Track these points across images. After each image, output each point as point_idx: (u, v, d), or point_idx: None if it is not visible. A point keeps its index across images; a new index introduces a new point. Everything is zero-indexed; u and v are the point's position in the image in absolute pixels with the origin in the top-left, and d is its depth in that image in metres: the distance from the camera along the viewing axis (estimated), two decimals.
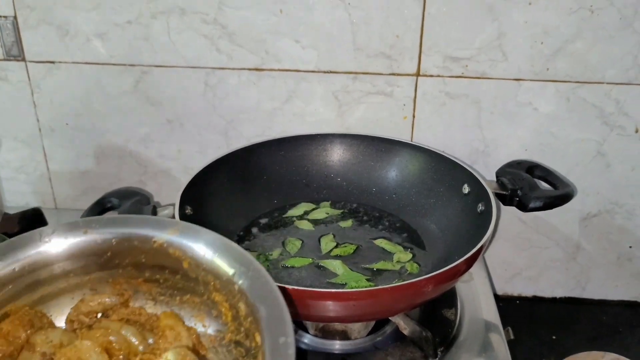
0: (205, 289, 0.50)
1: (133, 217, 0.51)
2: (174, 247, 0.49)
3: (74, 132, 0.92)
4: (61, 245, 0.48)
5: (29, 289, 0.47)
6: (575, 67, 0.82)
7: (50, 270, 0.48)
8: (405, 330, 0.69)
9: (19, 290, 0.46)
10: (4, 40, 0.85)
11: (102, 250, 0.50)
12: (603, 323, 0.97)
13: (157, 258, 0.51)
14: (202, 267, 0.49)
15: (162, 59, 0.86)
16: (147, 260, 0.51)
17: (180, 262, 0.50)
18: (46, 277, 0.48)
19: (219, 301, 0.50)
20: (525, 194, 0.74)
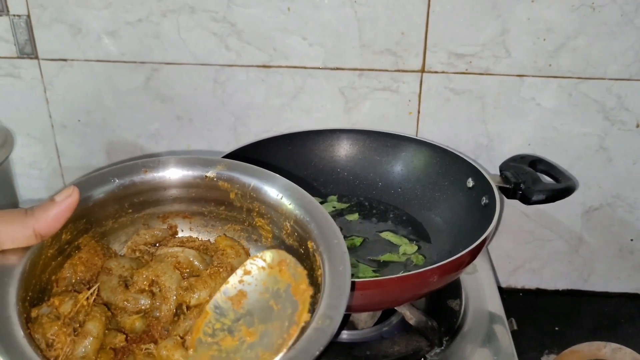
0: (247, 216, 0.55)
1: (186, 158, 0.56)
2: (223, 179, 0.54)
3: (86, 129, 0.94)
4: (123, 185, 0.53)
5: (96, 224, 0.52)
6: (577, 63, 0.83)
7: (113, 207, 0.53)
8: (411, 320, 0.70)
9: (89, 224, 0.51)
10: (17, 39, 0.87)
11: (160, 187, 0.55)
12: (605, 314, 0.99)
13: (206, 192, 0.55)
14: (248, 195, 0.54)
15: (172, 57, 0.87)
16: (197, 194, 0.56)
17: (227, 194, 0.55)
18: (110, 213, 0.53)
19: (260, 225, 0.55)
20: (528, 187, 0.76)
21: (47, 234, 0.44)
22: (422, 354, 0.69)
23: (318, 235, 0.49)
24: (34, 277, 0.46)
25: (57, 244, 0.48)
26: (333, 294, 0.44)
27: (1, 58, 0.88)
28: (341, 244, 0.48)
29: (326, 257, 0.47)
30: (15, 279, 0.43)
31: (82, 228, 0.51)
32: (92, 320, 0.46)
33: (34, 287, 0.46)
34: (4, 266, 0.43)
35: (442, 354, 0.70)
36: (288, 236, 0.53)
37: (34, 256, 0.45)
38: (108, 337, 0.47)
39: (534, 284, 1.03)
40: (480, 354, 0.71)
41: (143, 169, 0.54)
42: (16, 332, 0.40)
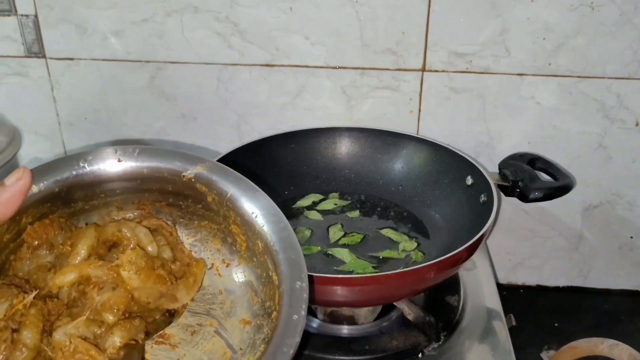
0: (224, 221, 0.53)
1: (165, 150, 0.54)
2: (201, 182, 0.52)
3: (92, 126, 0.95)
4: (97, 170, 0.51)
5: (64, 205, 0.50)
6: (576, 62, 0.84)
7: (84, 191, 0.51)
8: (410, 316, 0.72)
9: (56, 206, 0.50)
10: (25, 38, 0.89)
11: (133, 177, 0.52)
12: (605, 311, 1.00)
13: (183, 189, 0.53)
14: (225, 203, 0.51)
15: (176, 56, 0.89)
16: (173, 189, 0.53)
17: (205, 196, 0.53)
18: (80, 197, 0.51)
19: (236, 232, 0.53)
20: (526, 185, 0.77)
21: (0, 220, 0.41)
22: (420, 349, 0.71)
23: (284, 271, 0.47)
24: None
25: (16, 227, 0.46)
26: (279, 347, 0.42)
27: (9, 57, 0.90)
28: (303, 288, 0.45)
29: (285, 300, 0.45)
30: None
31: (46, 211, 0.49)
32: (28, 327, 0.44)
33: None
34: None
35: (439, 348, 0.71)
36: (260, 254, 0.51)
37: None
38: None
39: (534, 281, 1.04)
40: (477, 349, 0.72)
41: (118, 158, 0.51)
42: None
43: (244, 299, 0.52)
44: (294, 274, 0.46)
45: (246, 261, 0.53)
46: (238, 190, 0.51)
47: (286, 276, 0.46)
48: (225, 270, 0.55)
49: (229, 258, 0.55)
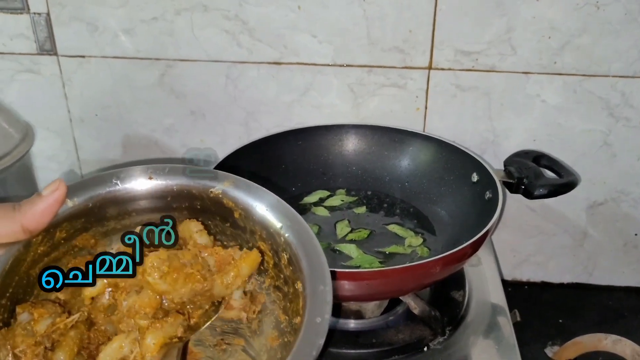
0: (251, 237, 0.54)
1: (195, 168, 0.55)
2: (228, 197, 0.53)
3: (103, 123, 0.97)
4: (128, 187, 0.52)
5: (97, 223, 0.51)
6: (581, 61, 0.85)
7: (117, 208, 0.52)
8: (416, 310, 0.73)
9: (89, 223, 0.51)
10: (37, 36, 0.90)
11: (164, 194, 0.54)
12: (609, 308, 1.01)
13: (211, 206, 0.54)
14: (251, 218, 0.52)
15: (185, 54, 0.90)
16: (202, 206, 0.54)
17: (232, 212, 0.54)
18: (113, 214, 0.52)
19: (263, 249, 0.54)
20: (530, 182, 0.78)
21: (35, 229, 0.42)
22: (426, 343, 0.72)
23: (307, 276, 0.47)
24: (17, 274, 0.45)
25: (50, 241, 0.47)
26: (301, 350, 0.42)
27: (22, 54, 0.91)
28: (327, 291, 0.46)
29: (309, 304, 0.45)
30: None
31: (80, 227, 0.50)
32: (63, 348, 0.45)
33: (18, 282, 0.45)
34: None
35: (445, 343, 0.72)
36: (286, 267, 0.52)
37: (19, 253, 0.44)
38: None
39: (539, 277, 1.05)
40: (482, 344, 0.73)
41: (149, 175, 0.53)
42: None
43: (271, 317, 0.53)
44: (317, 278, 0.47)
45: (273, 279, 0.54)
46: (262, 203, 0.52)
47: (309, 281, 0.47)
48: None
49: (257, 278, 0.56)
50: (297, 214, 0.52)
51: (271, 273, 0.54)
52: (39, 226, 0.42)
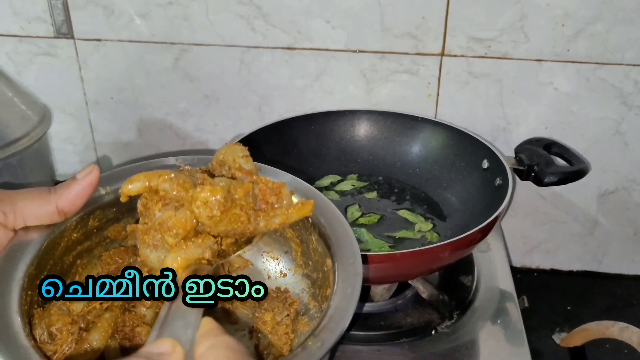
0: None
1: None
2: None
3: (118, 106, 0.98)
4: None
5: (129, 214, 0.51)
6: (595, 49, 0.85)
7: None
8: (424, 294, 0.74)
9: (121, 213, 0.51)
10: (54, 19, 0.91)
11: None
12: (617, 296, 1.01)
13: None
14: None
15: (200, 38, 0.91)
16: None
17: None
18: None
19: (290, 237, 0.54)
20: (541, 169, 0.78)
21: (69, 211, 0.43)
22: (434, 326, 0.73)
23: (336, 252, 0.47)
24: (52, 258, 0.46)
25: (84, 228, 0.48)
26: (335, 317, 0.42)
27: (39, 38, 0.93)
28: (357, 264, 0.46)
29: (339, 277, 0.45)
30: (29, 255, 0.43)
31: (112, 217, 0.50)
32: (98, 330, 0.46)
33: (53, 267, 0.46)
34: (22, 242, 0.43)
35: (452, 326, 0.73)
36: (314, 251, 0.52)
37: (54, 236, 0.45)
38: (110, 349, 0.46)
39: (549, 265, 1.05)
40: (489, 329, 0.74)
41: (179, 165, 0.51)
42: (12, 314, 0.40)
43: (301, 304, 0.54)
44: (346, 252, 0.47)
45: (302, 268, 0.55)
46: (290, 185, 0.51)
47: (338, 256, 0.47)
48: (282, 281, 0.56)
49: (286, 268, 0.56)
50: (320, 193, 0.52)
51: (299, 262, 0.55)
52: (73, 208, 0.43)
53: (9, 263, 0.42)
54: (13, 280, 0.42)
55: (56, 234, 0.45)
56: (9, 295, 0.41)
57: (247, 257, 0.57)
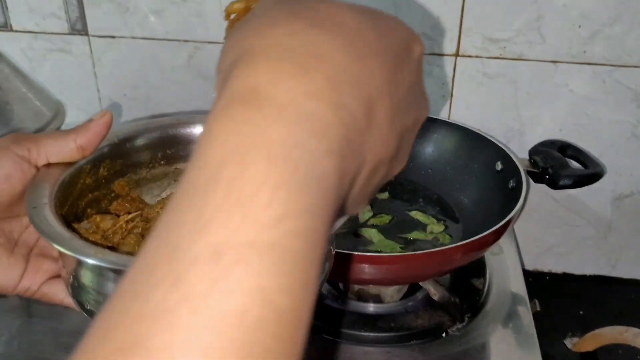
0: None
1: None
2: None
3: (131, 102, 0.98)
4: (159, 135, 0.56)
5: (131, 170, 0.55)
6: (612, 51, 0.84)
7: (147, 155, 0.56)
8: (435, 296, 0.73)
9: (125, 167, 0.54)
10: (69, 16, 0.92)
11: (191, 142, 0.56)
12: (631, 301, 1.00)
13: None
14: None
15: (214, 36, 0.91)
16: None
17: None
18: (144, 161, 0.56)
19: None
20: (555, 172, 0.78)
21: (88, 148, 0.46)
22: (444, 329, 0.72)
23: None
24: (70, 196, 0.48)
25: (95, 175, 0.51)
26: None
27: (54, 34, 0.93)
28: None
29: None
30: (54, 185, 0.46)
31: (118, 169, 0.53)
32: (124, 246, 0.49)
33: (70, 209, 0.49)
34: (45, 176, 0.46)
35: (463, 329, 0.73)
36: None
37: (74, 173, 0.48)
38: None
39: (561, 269, 1.04)
40: (501, 332, 0.73)
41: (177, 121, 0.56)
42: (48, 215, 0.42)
43: None
44: None
45: None
46: None
47: None
48: None
49: None
50: None
51: None
52: (92, 145, 0.46)
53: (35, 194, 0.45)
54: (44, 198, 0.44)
55: (73, 172, 0.48)
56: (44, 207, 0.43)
57: None
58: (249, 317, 0.20)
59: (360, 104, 0.26)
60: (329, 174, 0.24)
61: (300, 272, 0.22)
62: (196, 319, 0.20)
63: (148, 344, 0.19)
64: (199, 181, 0.23)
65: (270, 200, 0.22)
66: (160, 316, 0.20)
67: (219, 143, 0.24)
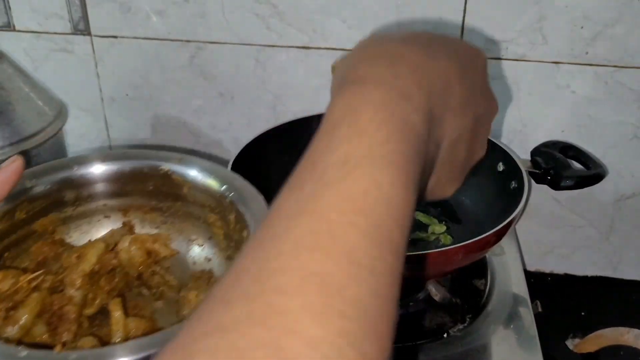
0: (201, 212, 0.59)
1: (143, 151, 0.61)
2: (176, 174, 0.59)
3: (133, 103, 0.98)
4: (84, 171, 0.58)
5: (55, 209, 0.56)
6: (614, 52, 0.84)
7: (74, 192, 0.57)
8: (437, 297, 0.73)
9: (47, 207, 0.55)
10: (72, 16, 0.92)
11: (117, 177, 0.59)
12: (633, 302, 1.00)
13: (162, 185, 0.60)
14: (198, 189, 0.58)
15: (216, 36, 0.91)
16: (154, 188, 0.60)
17: (181, 188, 0.59)
18: (70, 199, 0.57)
19: (212, 222, 0.59)
20: (557, 173, 0.77)
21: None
22: (446, 329, 0.72)
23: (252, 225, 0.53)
24: None
25: (10, 220, 0.51)
26: None
27: (56, 34, 0.93)
28: None
29: None
30: None
31: (39, 209, 0.54)
32: (25, 307, 0.48)
33: None
34: None
35: (464, 330, 0.73)
36: (234, 230, 0.56)
37: None
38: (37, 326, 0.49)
39: (563, 269, 1.04)
40: (502, 333, 0.73)
41: (102, 158, 0.58)
42: None
43: None
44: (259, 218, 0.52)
45: (225, 251, 0.59)
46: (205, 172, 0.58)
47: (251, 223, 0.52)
48: (207, 265, 0.61)
49: (211, 253, 0.61)
50: (236, 174, 0.58)
51: (222, 245, 0.59)
52: (1, 194, 0.46)
53: None
54: None
55: None
56: None
57: (174, 246, 0.62)
58: (370, 198, 0.29)
59: (437, 85, 0.36)
60: (417, 125, 0.33)
61: (401, 174, 0.31)
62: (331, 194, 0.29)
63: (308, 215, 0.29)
64: (328, 127, 0.33)
65: (376, 131, 0.31)
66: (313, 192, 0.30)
67: (338, 107, 0.33)
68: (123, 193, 0.60)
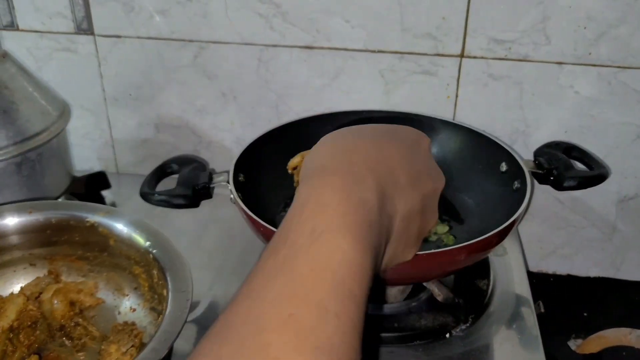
0: (127, 263, 0.62)
1: (71, 202, 0.64)
2: (102, 226, 0.61)
3: (136, 102, 0.98)
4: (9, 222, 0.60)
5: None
6: (617, 52, 0.84)
7: None
8: (439, 297, 0.73)
9: None
10: (75, 15, 0.92)
11: (43, 228, 0.61)
12: (635, 303, 0.99)
13: (88, 237, 0.62)
14: (124, 242, 0.60)
15: (219, 36, 0.91)
16: (80, 238, 0.62)
17: (107, 240, 0.61)
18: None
19: (138, 274, 0.61)
20: (560, 173, 0.77)
21: None
22: (448, 330, 0.72)
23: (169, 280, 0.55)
24: None
25: None
26: (161, 338, 0.50)
27: (60, 34, 0.93)
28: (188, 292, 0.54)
29: (171, 303, 0.53)
30: None
31: None
32: None
33: None
34: None
35: (467, 330, 0.73)
36: (157, 284, 0.58)
37: None
38: None
39: (565, 270, 1.04)
40: (504, 333, 0.73)
41: (29, 210, 0.60)
42: None
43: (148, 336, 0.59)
44: (179, 282, 0.55)
45: (149, 302, 0.61)
46: (131, 227, 0.61)
47: (171, 281, 0.55)
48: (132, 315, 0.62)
49: (135, 303, 0.63)
50: (160, 231, 0.61)
51: (147, 296, 0.61)
52: None
53: None
54: None
55: None
56: None
57: (100, 295, 0.64)
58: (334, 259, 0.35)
59: (385, 169, 0.44)
60: (371, 201, 0.40)
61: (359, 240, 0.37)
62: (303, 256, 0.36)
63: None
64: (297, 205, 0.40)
65: (337, 207, 0.38)
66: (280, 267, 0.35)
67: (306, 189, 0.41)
68: (49, 243, 0.63)
